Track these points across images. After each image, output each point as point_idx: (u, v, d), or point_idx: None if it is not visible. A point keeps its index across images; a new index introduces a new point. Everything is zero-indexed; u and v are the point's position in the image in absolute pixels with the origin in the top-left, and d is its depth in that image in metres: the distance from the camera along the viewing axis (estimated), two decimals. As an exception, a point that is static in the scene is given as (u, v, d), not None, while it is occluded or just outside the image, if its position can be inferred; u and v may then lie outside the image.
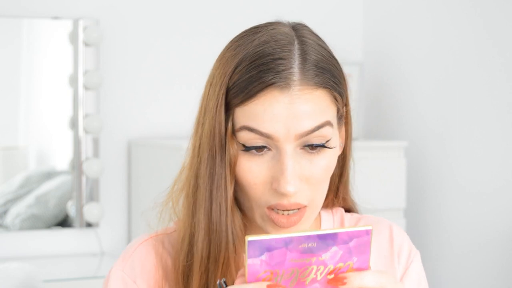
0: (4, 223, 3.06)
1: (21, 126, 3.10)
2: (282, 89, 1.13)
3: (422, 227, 3.17)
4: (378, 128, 3.42)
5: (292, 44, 1.16)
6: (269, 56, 1.14)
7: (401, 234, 1.31)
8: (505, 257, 2.85)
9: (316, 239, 1.01)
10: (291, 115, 1.12)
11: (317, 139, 1.14)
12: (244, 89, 1.14)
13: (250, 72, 1.14)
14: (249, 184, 1.15)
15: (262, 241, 1.00)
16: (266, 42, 1.16)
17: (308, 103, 1.13)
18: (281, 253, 1.01)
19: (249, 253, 1.00)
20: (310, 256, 1.01)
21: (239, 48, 1.17)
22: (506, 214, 2.86)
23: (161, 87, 3.21)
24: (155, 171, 3.00)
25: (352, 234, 1.01)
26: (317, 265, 1.02)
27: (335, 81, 1.17)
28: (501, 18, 2.90)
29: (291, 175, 1.13)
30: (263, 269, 1.01)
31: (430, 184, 3.16)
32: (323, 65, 1.16)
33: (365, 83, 3.42)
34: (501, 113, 2.89)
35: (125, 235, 3.18)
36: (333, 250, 1.02)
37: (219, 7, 3.28)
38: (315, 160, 1.15)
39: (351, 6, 3.47)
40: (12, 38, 3.07)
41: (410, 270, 1.29)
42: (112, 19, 3.15)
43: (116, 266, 1.25)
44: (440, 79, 3.13)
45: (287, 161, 1.13)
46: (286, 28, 1.19)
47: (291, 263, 1.01)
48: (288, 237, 1.00)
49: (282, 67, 1.13)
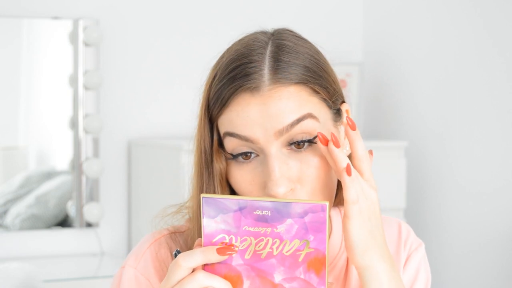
0: (4, 223, 3.06)
1: (21, 126, 3.10)
2: (252, 91, 1.13)
3: (422, 227, 3.17)
4: (378, 128, 3.42)
5: (265, 47, 1.16)
6: (239, 62, 1.15)
7: (408, 230, 1.32)
8: (505, 257, 2.85)
9: (271, 208, 1.01)
10: (266, 115, 1.12)
11: (301, 135, 1.13)
12: (219, 98, 1.15)
13: (222, 81, 1.15)
14: (246, 193, 1.15)
15: (216, 200, 1.02)
16: (237, 50, 1.17)
17: (282, 100, 1.13)
18: (235, 217, 1.02)
19: (204, 211, 1.02)
20: (265, 226, 1.02)
21: (217, 63, 1.19)
22: (506, 214, 2.86)
23: (161, 87, 3.21)
24: (155, 171, 3.00)
25: (306, 207, 1.01)
26: (273, 238, 1.02)
27: (311, 74, 1.15)
28: (501, 18, 2.90)
29: (277, 177, 1.12)
30: (218, 233, 1.03)
31: (430, 184, 3.16)
32: (298, 62, 1.15)
33: (365, 83, 3.42)
34: (501, 113, 2.89)
35: (125, 235, 3.18)
36: (288, 222, 1.02)
37: (219, 7, 3.28)
38: (305, 159, 1.14)
39: (351, 6, 3.47)
40: (12, 38, 3.07)
41: (411, 258, 1.29)
42: (112, 19, 3.15)
43: (128, 264, 1.24)
44: (440, 79, 3.13)
45: (272, 162, 1.12)
46: (263, 35, 1.19)
47: (246, 230, 1.02)
48: (243, 199, 1.02)
49: (252, 70, 1.13)
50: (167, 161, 2.90)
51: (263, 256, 1.03)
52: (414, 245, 1.30)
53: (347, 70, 3.30)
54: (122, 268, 1.25)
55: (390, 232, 1.30)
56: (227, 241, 1.03)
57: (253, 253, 1.03)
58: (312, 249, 1.02)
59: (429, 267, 1.32)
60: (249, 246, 1.03)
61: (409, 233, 1.32)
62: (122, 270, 1.24)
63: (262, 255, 1.03)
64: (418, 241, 1.32)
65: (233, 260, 1.03)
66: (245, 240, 1.03)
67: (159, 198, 2.94)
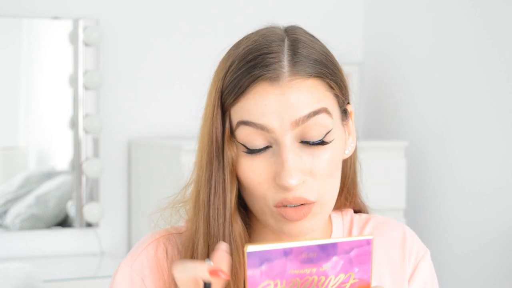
0: (4, 223, 3.06)
1: (21, 126, 3.10)
2: (272, 81, 1.13)
3: (422, 227, 3.17)
4: (378, 128, 3.42)
5: (282, 40, 1.16)
6: (258, 52, 1.15)
7: (413, 235, 1.30)
8: (505, 257, 2.85)
9: (316, 249, 1.00)
10: (284, 105, 1.13)
11: (315, 129, 1.14)
12: (235, 87, 1.15)
13: (240, 69, 1.15)
14: (253, 184, 1.15)
15: (261, 252, 0.99)
16: (256, 41, 1.17)
17: (301, 91, 1.13)
18: (281, 263, 1.00)
19: (249, 263, 0.99)
20: (310, 267, 1.01)
21: (230, 53, 1.19)
22: (506, 214, 2.86)
23: (161, 87, 3.21)
24: (155, 171, 3.00)
25: (352, 244, 1.01)
26: (318, 276, 1.01)
27: (328, 70, 1.17)
28: (501, 18, 2.90)
29: (291, 167, 1.12)
30: (263, 280, 1.00)
31: (430, 184, 3.16)
32: (315, 57, 1.16)
33: (365, 83, 3.42)
34: (501, 113, 2.89)
35: (125, 235, 3.18)
36: (333, 260, 1.01)
37: (219, 7, 3.28)
38: (317, 153, 1.15)
39: (351, 6, 3.47)
40: (12, 38, 3.07)
41: (418, 269, 1.28)
42: (112, 19, 3.15)
43: (125, 262, 1.25)
44: (440, 79, 3.13)
45: (286, 153, 1.13)
46: (278, 29, 1.20)
47: (292, 274, 1.01)
48: (288, 247, 1.00)
49: (271, 61, 1.14)
50: (167, 161, 2.90)
51: None
52: (421, 253, 1.29)
53: (347, 70, 3.27)
54: (119, 265, 1.25)
55: (393, 236, 1.29)
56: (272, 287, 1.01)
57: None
58: (357, 280, 1.02)
59: (435, 275, 1.31)
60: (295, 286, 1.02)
61: (414, 239, 1.30)
62: (118, 268, 1.25)
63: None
64: (424, 249, 1.30)
65: None
66: (291, 282, 1.01)
67: (159, 198, 2.94)
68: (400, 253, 1.28)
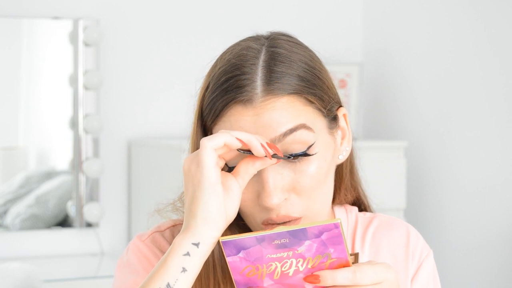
0: (4, 223, 3.06)
1: (21, 126, 3.10)
2: (245, 103, 1.13)
3: (422, 227, 3.17)
4: (378, 128, 3.42)
5: (257, 57, 1.16)
6: (231, 73, 1.15)
7: (417, 235, 1.30)
8: (505, 257, 2.85)
9: (287, 235, 1.03)
10: (259, 125, 1.12)
11: (294, 147, 1.13)
12: (211, 109, 1.15)
13: (215, 92, 1.15)
14: (240, 202, 1.15)
15: (235, 241, 1.04)
16: (229, 61, 1.16)
17: (276, 110, 1.12)
18: (256, 250, 1.04)
19: (226, 252, 1.04)
20: (286, 251, 1.04)
21: (210, 71, 1.20)
22: (506, 213, 2.86)
23: (161, 87, 3.21)
24: (155, 171, 3.00)
25: (321, 228, 1.03)
26: (296, 258, 1.04)
27: (305, 84, 1.15)
28: (501, 18, 2.90)
29: (270, 188, 1.12)
30: (244, 265, 1.05)
31: (430, 184, 3.16)
32: (291, 72, 1.15)
33: (365, 83, 3.42)
34: (501, 113, 2.89)
35: (125, 235, 3.18)
36: (306, 244, 1.04)
37: (220, 8, 3.28)
38: (299, 169, 1.14)
39: (351, 6, 3.47)
40: (12, 38, 3.07)
41: (421, 269, 1.28)
42: (112, 19, 3.15)
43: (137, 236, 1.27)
44: (440, 79, 3.13)
45: (266, 173, 1.13)
46: (256, 42, 1.19)
47: (270, 258, 1.04)
48: (260, 235, 1.04)
49: (244, 82, 1.13)
50: (167, 161, 2.90)
51: (290, 274, 1.05)
52: (425, 253, 1.29)
53: (347, 70, 3.30)
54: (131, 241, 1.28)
55: (397, 235, 1.29)
56: (254, 270, 1.05)
57: (281, 274, 1.05)
58: (335, 259, 1.04)
59: (438, 276, 1.31)
60: (276, 269, 1.05)
61: (418, 239, 1.30)
62: (130, 243, 1.27)
63: (290, 273, 1.05)
64: (428, 249, 1.30)
65: (264, 282, 1.06)
66: (271, 265, 1.05)
67: (159, 198, 2.94)
68: (404, 252, 1.28)
